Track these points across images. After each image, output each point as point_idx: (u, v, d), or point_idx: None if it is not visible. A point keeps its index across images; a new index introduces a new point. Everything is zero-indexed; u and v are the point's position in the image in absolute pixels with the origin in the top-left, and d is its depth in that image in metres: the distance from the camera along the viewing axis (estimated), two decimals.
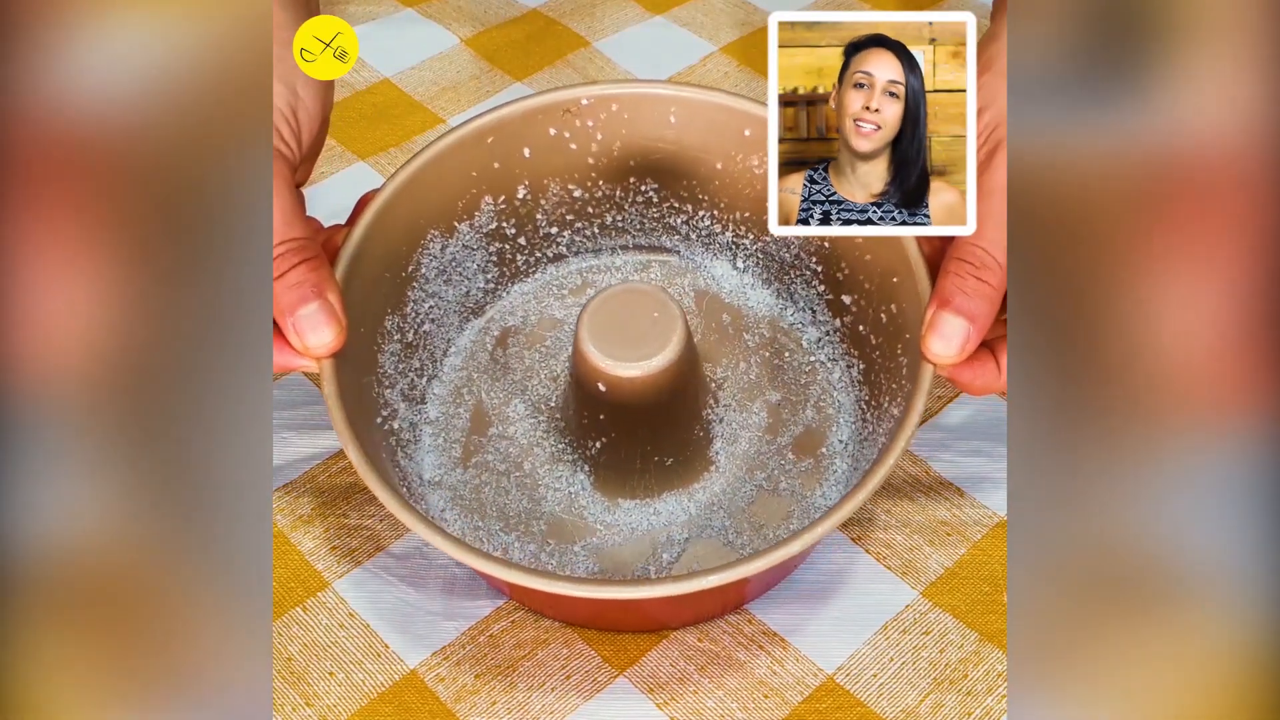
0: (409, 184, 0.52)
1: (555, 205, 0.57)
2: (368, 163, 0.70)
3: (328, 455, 0.56)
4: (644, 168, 0.56)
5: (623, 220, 0.58)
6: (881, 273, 0.51)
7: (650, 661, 0.50)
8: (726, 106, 0.54)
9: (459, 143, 0.53)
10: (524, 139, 0.54)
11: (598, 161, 0.56)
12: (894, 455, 0.44)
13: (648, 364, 0.49)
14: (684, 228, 0.58)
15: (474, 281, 0.57)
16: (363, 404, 0.49)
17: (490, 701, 0.49)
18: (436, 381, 0.56)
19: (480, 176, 0.54)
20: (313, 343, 0.46)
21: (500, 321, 0.58)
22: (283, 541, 0.53)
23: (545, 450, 0.54)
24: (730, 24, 0.78)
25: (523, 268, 0.59)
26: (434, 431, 0.55)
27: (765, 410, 0.55)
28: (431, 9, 0.79)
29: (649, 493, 0.53)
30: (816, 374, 0.56)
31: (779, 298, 0.58)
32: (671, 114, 0.55)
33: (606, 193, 0.57)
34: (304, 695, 0.49)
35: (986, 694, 0.49)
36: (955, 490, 0.55)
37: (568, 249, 0.59)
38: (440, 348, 0.56)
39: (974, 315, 0.45)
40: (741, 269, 0.59)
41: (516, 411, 0.55)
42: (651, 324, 0.49)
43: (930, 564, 0.53)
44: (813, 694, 0.49)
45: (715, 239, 0.58)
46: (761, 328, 0.57)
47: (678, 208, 0.58)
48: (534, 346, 0.57)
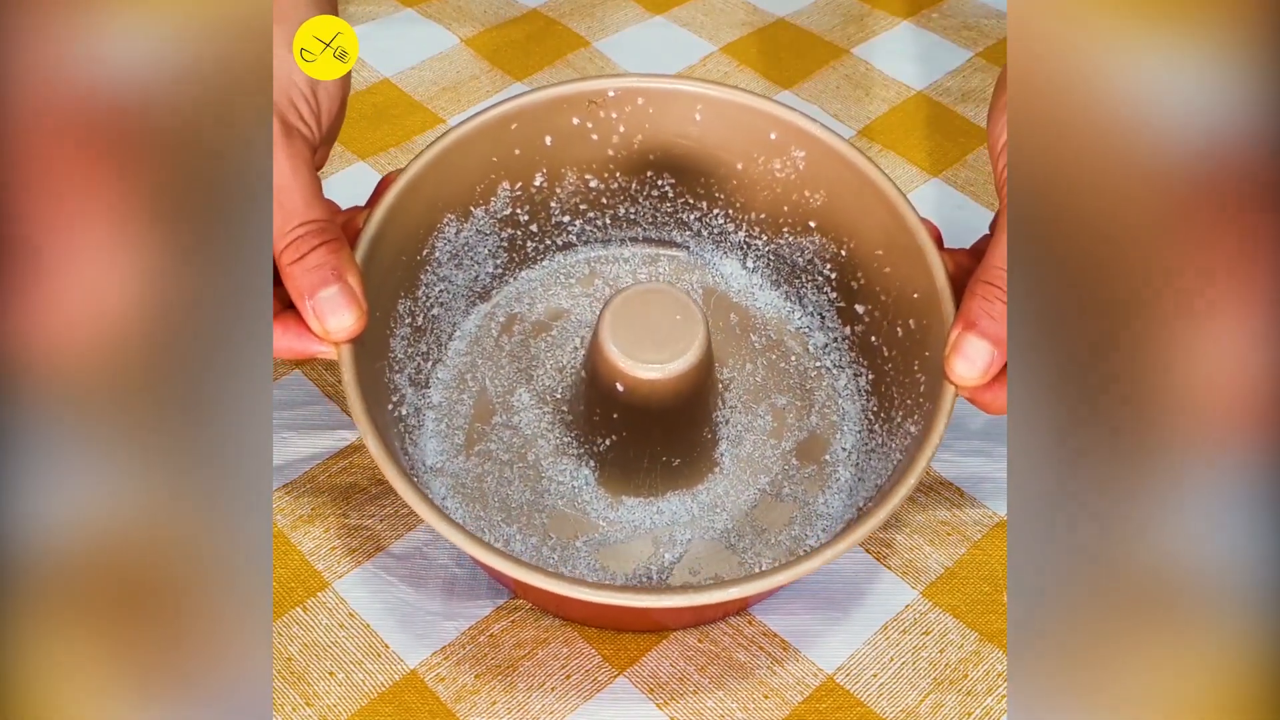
0: (432, 166, 0.52)
1: (570, 194, 0.57)
2: (367, 162, 0.70)
3: (328, 455, 0.56)
4: (663, 162, 0.56)
5: (635, 213, 0.58)
6: (900, 286, 0.51)
7: (650, 661, 0.50)
8: (753, 108, 0.53)
9: (484, 127, 0.53)
10: (547, 127, 0.54)
11: (617, 153, 0.55)
12: (915, 475, 0.44)
13: (669, 366, 0.48)
14: (696, 224, 0.58)
15: (483, 266, 0.57)
16: (376, 391, 0.49)
17: (490, 701, 0.49)
18: (441, 366, 0.56)
19: (500, 162, 0.54)
20: (333, 326, 0.45)
21: (506, 307, 0.58)
22: (283, 541, 0.53)
23: (550, 442, 0.54)
24: (730, 24, 0.78)
25: (532, 254, 0.58)
26: (437, 417, 0.55)
27: (770, 414, 0.55)
28: (431, 9, 0.79)
29: (653, 491, 0.53)
30: (822, 379, 0.56)
31: (787, 300, 0.58)
32: (697, 111, 0.54)
33: (622, 184, 0.57)
34: (304, 695, 0.49)
35: (986, 694, 0.49)
36: (955, 490, 0.55)
37: (577, 238, 0.59)
38: (446, 331, 0.56)
39: (998, 339, 0.45)
40: (751, 269, 0.58)
41: (521, 401, 0.55)
42: (674, 326, 0.49)
43: (930, 564, 0.53)
44: (813, 694, 0.49)
45: (727, 238, 0.58)
46: (769, 329, 0.57)
47: (692, 204, 0.57)
48: (540, 335, 0.57)
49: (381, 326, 0.50)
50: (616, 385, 0.49)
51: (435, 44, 0.77)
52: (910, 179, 0.69)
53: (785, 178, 0.54)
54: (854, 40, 0.77)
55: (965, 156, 0.70)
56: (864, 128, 0.72)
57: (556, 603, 0.50)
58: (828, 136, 0.53)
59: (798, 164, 0.54)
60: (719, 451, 0.54)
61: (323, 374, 0.60)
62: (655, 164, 0.56)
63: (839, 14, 0.79)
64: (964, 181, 0.69)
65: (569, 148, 0.55)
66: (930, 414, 0.46)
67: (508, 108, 0.53)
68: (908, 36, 0.78)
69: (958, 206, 0.67)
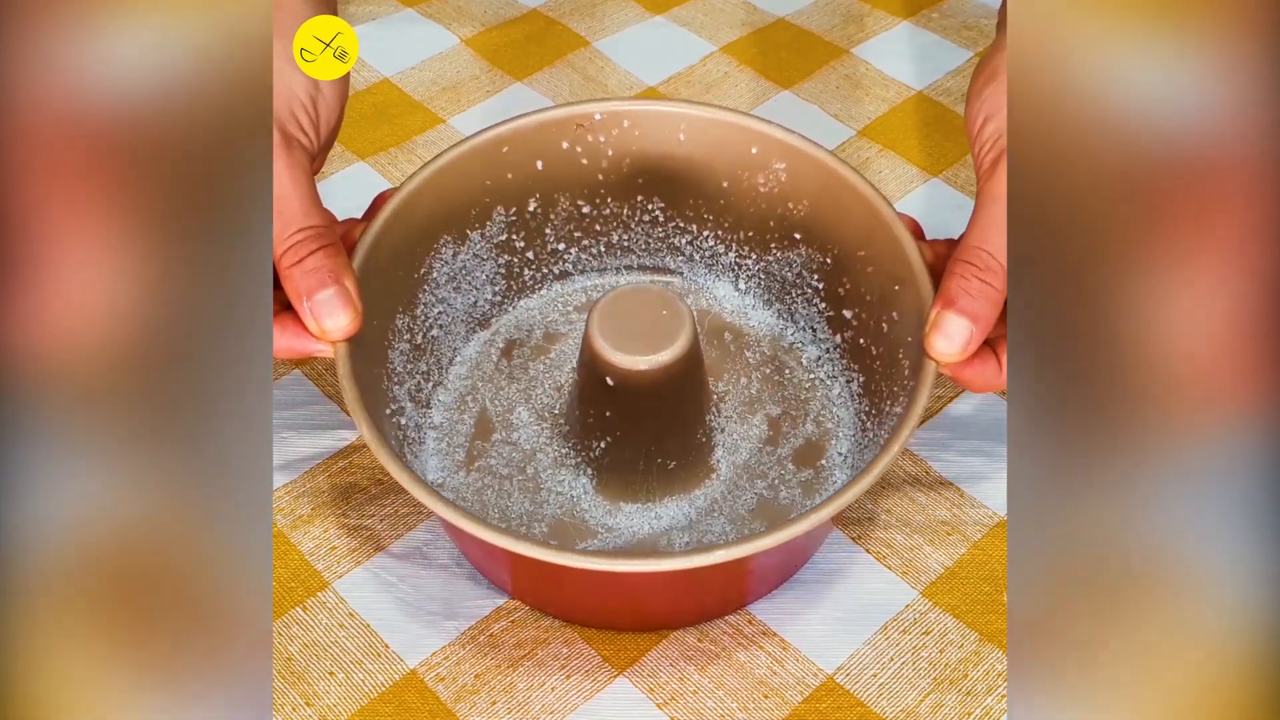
0: (426, 185, 0.53)
1: (564, 221, 0.58)
2: (368, 162, 0.70)
3: (328, 455, 0.56)
4: (652, 185, 0.57)
5: (629, 240, 0.59)
6: (883, 282, 0.52)
7: (650, 661, 0.50)
8: (733, 124, 0.55)
9: (475, 150, 0.54)
10: (537, 151, 0.55)
11: (607, 177, 0.57)
12: (900, 442, 0.45)
13: (656, 357, 0.49)
14: (688, 249, 0.59)
15: (482, 292, 0.58)
16: (373, 395, 0.49)
17: (490, 701, 0.49)
18: (441, 389, 0.57)
19: (494, 186, 0.55)
20: (329, 326, 0.47)
21: (505, 334, 0.59)
22: (283, 541, 0.53)
23: (549, 455, 0.54)
24: (730, 24, 0.78)
25: (529, 283, 0.59)
26: (438, 436, 0.55)
27: (766, 423, 0.55)
28: (431, 9, 0.79)
29: (650, 496, 0.53)
30: (816, 390, 0.57)
31: (780, 318, 0.59)
32: (681, 131, 0.56)
33: (614, 210, 0.58)
34: (304, 695, 0.49)
35: (986, 694, 0.49)
36: (955, 490, 0.55)
37: (573, 267, 0.60)
38: (447, 355, 0.57)
39: (977, 316, 0.46)
40: (743, 290, 0.59)
41: (521, 418, 0.56)
42: (660, 320, 0.50)
43: (930, 564, 0.53)
44: (813, 694, 0.49)
45: (718, 260, 0.59)
46: (762, 346, 0.58)
47: (683, 228, 0.59)
48: (539, 358, 0.58)
49: (380, 335, 0.51)
50: (607, 380, 0.50)
51: (435, 44, 0.77)
52: (909, 179, 0.69)
53: (769, 192, 0.56)
54: (853, 40, 0.77)
55: (964, 156, 0.70)
56: (863, 128, 0.72)
57: (554, 600, 0.50)
58: (806, 146, 0.54)
59: (779, 176, 0.55)
60: (715, 458, 0.54)
61: (323, 374, 0.60)
62: (645, 187, 0.57)
63: (838, 14, 0.79)
64: (963, 181, 0.69)
65: (560, 172, 0.56)
66: (913, 390, 0.47)
67: (498, 131, 0.54)
68: (907, 36, 0.78)
69: (957, 206, 0.67)
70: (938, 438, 0.57)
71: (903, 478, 0.56)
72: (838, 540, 0.53)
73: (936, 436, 0.57)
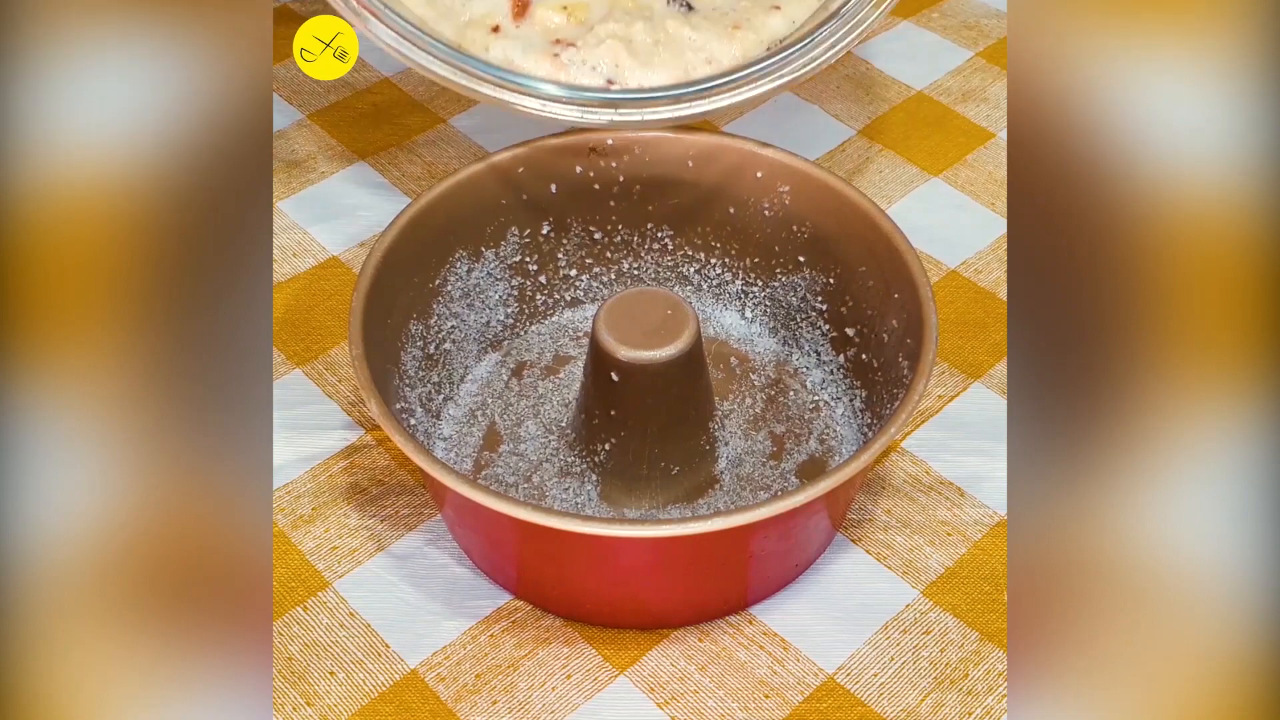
0: (442, 198, 0.55)
1: (576, 247, 0.59)
2: (368, 162, 0.70)
3: (328, 455, 0.56)
4: (661, 213, 0.59)
5: (639, 269, 0.60)
6: (882, 294, 0.53)
7: (651, 661, 0.50)
8: (739, 149, 0.57)
9: (492, 168, 0.56)
10: (552, 174, 0.57)
11: (618, 204, 0.58)
12: (905, 414, 0.47)
13: (660, 352, 0.50)
14: (696, 277, 0.60)
15: (495, 313, 0.59)
16: (384, 386, 0.50)
17: (491, 701, 0.49)
18: (452, 403, 0.57)
19: (509, 205, 0.57)
20: None
21: (517, 356, 0.60)
22: (283, 541, 0.53)
23: (555, 465, 0.55)
24: None
25: (541, 308, 0.60)
26: (447, 447, 0.56)
27: (769, 439, 0.56)
28: None
29: (654, 503, 0.53)
30: (820, 410, 0.57)
31: (785, 345, 0.60)
32: (690, 159, 0.57)
33: (625, 237, 0.59)
34: (304, 695, 0.49)
35: (987, 693, 0.49)
36: (955, 490, 0.55)
37: (585, 295, 0.61)
38: (458, 372, 0.58)
39: None
40: (750, 319, 0.60)
41: (529, 432, 0.56)
42: (665, 319, 0.51)
43: (930, 564, 0.53)
44: (813, 694, 0.49)
45: (725, 288, 0.60)
46: (768, 370, 0.59)
47: (691, 255, 0.60)
48: (548, 377, 0.59)
49: (394, 336, 0.53)
50: (612, 376, 0.50)
51: None
52: (910, 179, 0.69)
53: (774, 216, 0.57)
54: None
55: (965, 156, 0.70)
56: (864, 127, 0.72)
57: (555, 599, 0.50)
58: (810, 168, 0.56)
59: (784, 199, 0.57)
60: (719, 469, 0.54)
61: (323, 374, 0.60)
62: (654, 214, 0.59)
63: None
64: (964, 181, 0.69)
65: (573, 197, 0.58)
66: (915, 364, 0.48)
67: (516, 152, 0.56)
68: (908, 36, 0.78)
69: (957, 207, 0.67)
70: (938, 438, 0.57)
71: (903, 478, 0.56)
72: (838, 540, 0.53)
73: (936, 436, 0.57)
